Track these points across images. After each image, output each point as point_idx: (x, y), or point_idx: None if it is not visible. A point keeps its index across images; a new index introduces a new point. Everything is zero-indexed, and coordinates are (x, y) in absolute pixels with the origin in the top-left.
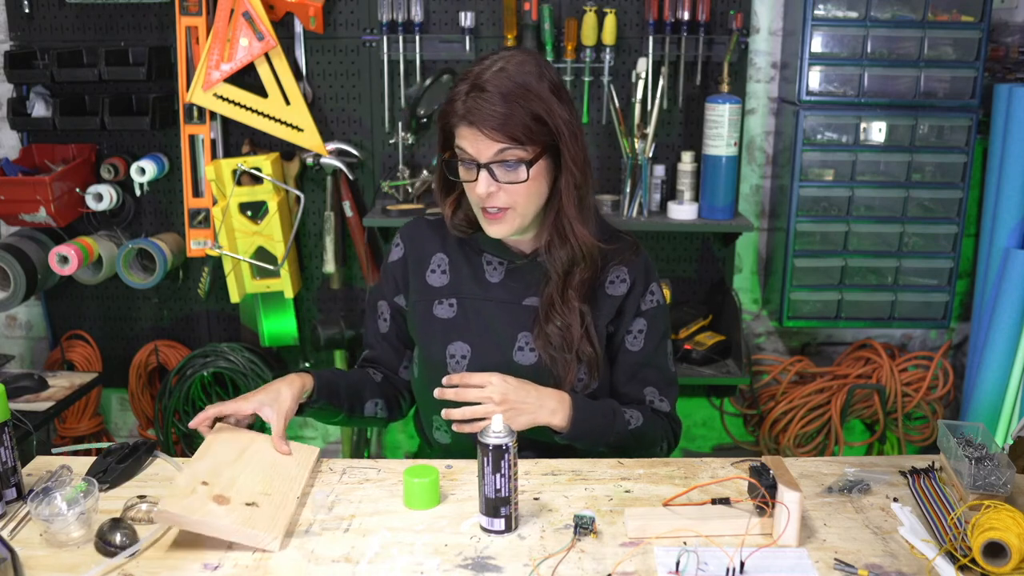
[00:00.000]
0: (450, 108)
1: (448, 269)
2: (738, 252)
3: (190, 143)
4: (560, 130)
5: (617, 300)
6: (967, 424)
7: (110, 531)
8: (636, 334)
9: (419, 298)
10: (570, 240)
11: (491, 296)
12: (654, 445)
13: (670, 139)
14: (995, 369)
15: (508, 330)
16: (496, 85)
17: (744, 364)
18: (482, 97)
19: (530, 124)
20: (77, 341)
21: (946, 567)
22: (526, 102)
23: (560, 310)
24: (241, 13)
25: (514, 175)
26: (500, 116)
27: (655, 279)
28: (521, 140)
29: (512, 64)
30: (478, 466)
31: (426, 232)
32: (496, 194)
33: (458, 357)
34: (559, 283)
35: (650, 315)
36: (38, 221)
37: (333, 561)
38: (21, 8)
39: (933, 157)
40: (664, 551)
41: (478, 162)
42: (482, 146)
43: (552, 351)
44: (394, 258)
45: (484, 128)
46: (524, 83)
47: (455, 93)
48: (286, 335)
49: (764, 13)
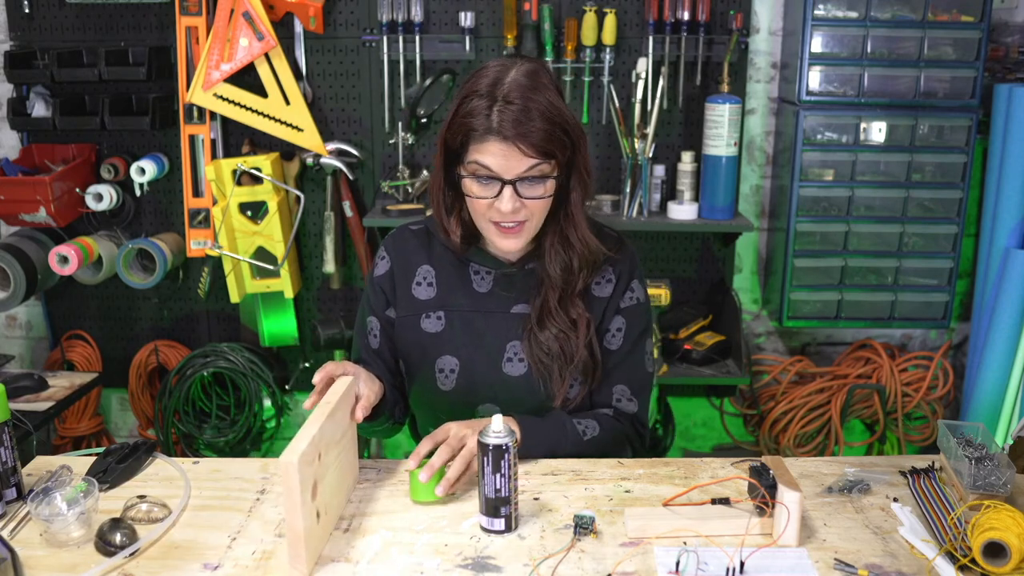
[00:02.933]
0: (469, 122)
1: (435, 281)
2: (738, 252)
3: (190, 143)
4: (576, 137)
5: (603, 301)
6: (967, 424)
7: (110, 531)
8: (614, 332)
9: (406, 312)
10: (575, 246)
11: (479, 307)
12: (617, 452)
13: (670, 139)
14: (995, 369)
15: (497, 341)
16: (524, 98)
17: (744, 364)
18: (511, 109)
19: (558, 134)
20: (77, 341)
21: (946, 567)
22: (555, 116)
23: (557, 317)
24: (241, 13)
25: (538, 190)
26: (539, 132)
27: (638, 275)
28: (554, 155)
29: (524, 75)
30: (478, 466)
31: (411, 243)
32: (519, 210)
33: (447, 371)
34: (558, 290)
35: (628, 312)
36: (38, 221)
37: (333, 561)
38: (21, 8)
39: (933, 157)
40: (664, 551)
41: (503, 179)
42: (513, 162)
43: (545, 359)
44: (381, 271)
45: (521, 143)
46: (548, 95)
47: (474, 108)
48: (286, 335)
49: (764, 13)
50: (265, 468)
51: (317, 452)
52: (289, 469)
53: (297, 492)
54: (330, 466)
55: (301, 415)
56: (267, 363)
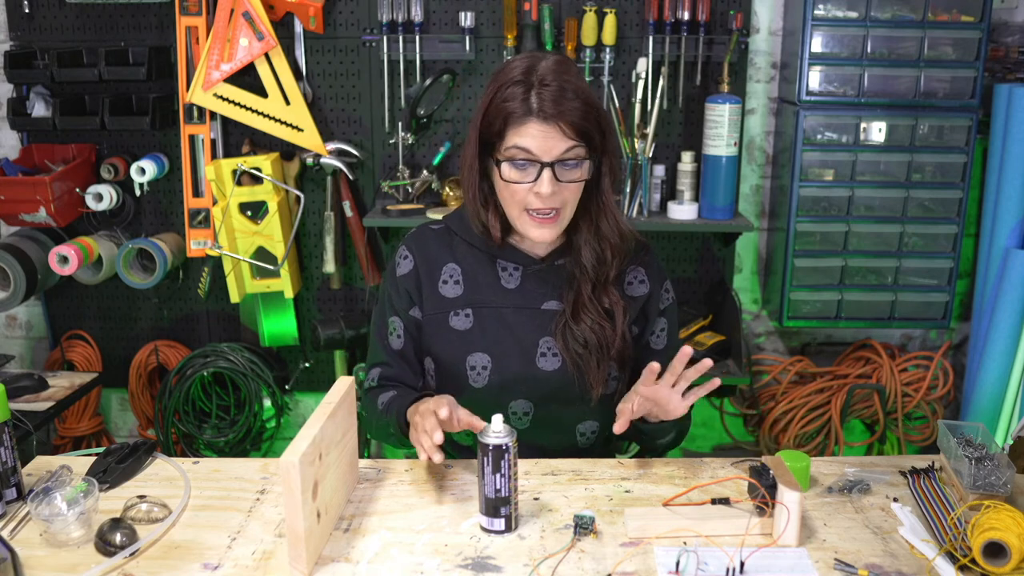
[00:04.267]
0: (508, 107)
1: (461, 279)
2: (738, 252)
3: (190, 143)
4: (607, 123)
5: (639, 301)
6: (967, 424)
7: (110, 531)
8: (659, 333)
9: (433, 310)
10: (607, 236)
11: (509, 303)
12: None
13: (670, 139)
14: (995, 369)
15: (529, 336)
16: (560, 80)
17: (744, 364)
18: (548, 90)
19: (594, 117)
20: (77, 341)
21: (946, 567)
22: (589, 97)
23: (591, 308)
24: (241, 13)
25: (575, 174)
26: (577, 111)
27: (666, 276)
28: (588, 136)
29: (554, 63)
30: (478, 466)
31: (432, 242)
32: (556, 195)
33: (479, 368)
34: (591, 280)
35: (668, 312)
36: (38, 221)
37: (333, 561)
38: (21, 8)
39: (933, 157)
40: (664, 551)
41: (542, 161)
42: (553, 143)
43: (581, 350)
44: (405, 271)
45: (560, 121)
46: (573, 75)
47: (511, 94)
48: (286, 335)
49: (764, 13)
50: (265, 468)
51: (318, 452)
52: (290, 469)
53: (298, 492)
54: (330, 466)
55: (301, 415)
56: (267, 363)
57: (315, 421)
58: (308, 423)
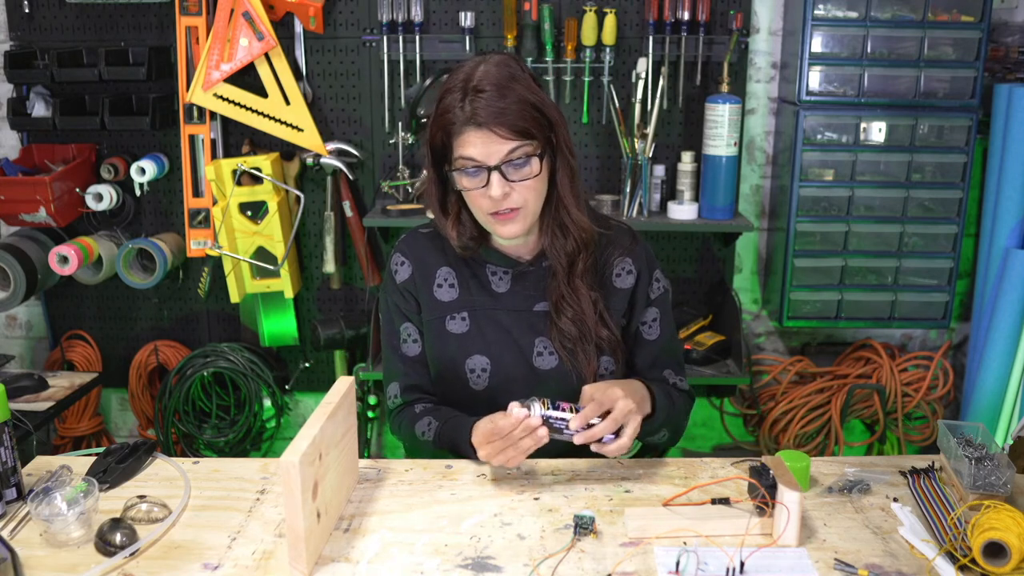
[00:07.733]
0: (446, 118)
1: (455, 283)
2: (738, 252)
3: (190, 143)
4: (553, 118)
5: (627, 292)
6: (967, 424)
7: (110, 531)
8: (651, 323)
9: (430, 314)
10: (570, 229)
11: (502, 305)
12: (681, 422)
13: (670, 139)
14: (995, 369)
15: (525, 337)
16: (491, 83)
17: (744, 364)
18: (482, 97)
19: (533, 115)
20: (77, 341)
21: (946, 567)
22: (523, 93)
23: (570, 301)
24: (241, 13)
25: (525, 171)
26: (507, 111)
27: (657, 265)
28: (530, 133)
29: (492, 65)
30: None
31: (425, 246)
32: (510, 195)
33: (478, 371)
34: (564, 275)
35: (659, 302)
36: (38, 221)
37: (333, 561)
38: (21, 8)
39: (933, 157)
40: (664, 551)
41: (488, 166)
42: (493, 148)
43: (569, 345)
44: (404, 276)
45: (494, 126)
46: (513, 75)
47: (448, 104)
48: (286, 335)
49: (764, 13)
50: (265, 468)
51: (318, 452)
52: (290, 469)
53: (298, 492)
54: (330, 466)
55: (301, 415)
56: (267, 363)
57: (315, 421)
58: (308, 423)
